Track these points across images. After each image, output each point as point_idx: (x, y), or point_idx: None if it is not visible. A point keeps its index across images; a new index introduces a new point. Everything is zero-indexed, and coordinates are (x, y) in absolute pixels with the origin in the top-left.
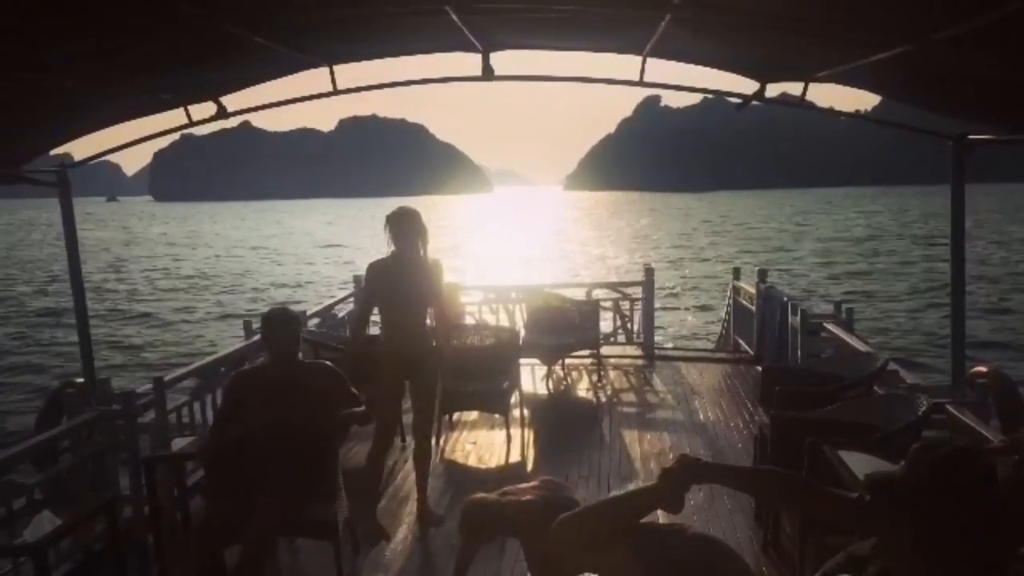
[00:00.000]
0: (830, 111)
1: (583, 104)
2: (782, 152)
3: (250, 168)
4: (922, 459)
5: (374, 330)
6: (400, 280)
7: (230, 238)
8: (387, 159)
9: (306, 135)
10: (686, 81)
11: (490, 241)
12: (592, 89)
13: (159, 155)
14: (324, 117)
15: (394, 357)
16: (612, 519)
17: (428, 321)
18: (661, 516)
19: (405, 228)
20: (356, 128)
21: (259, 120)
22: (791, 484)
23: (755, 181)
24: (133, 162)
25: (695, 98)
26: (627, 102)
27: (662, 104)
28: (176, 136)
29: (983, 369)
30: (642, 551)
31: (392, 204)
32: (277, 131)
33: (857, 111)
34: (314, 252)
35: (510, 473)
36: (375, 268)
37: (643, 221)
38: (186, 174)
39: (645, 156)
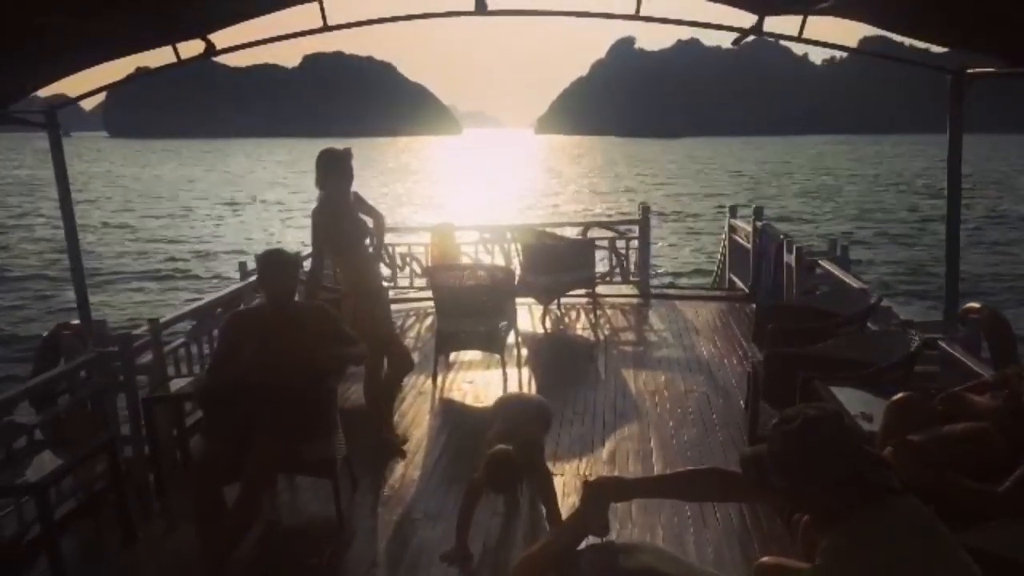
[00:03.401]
0: (830, 46)
1: (557, 45)
2: (757, 98)
3: (209, 104)
4: (777, 434)
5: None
6: (345, 223)
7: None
8: (353, 97)
9: (268, 71)
10: (682, 15)
11: (472, 186)
12: (568, 30)
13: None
14: (287, 52)
15: (370, 297)
16: (553, 555)
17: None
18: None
19: (335, 169)
20: (320, 65)
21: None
22: (730, 482)
23: (731, 127)
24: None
25: (670, 40)
26: (601, 44)
27: (636, 46)
28: (131, 69)
29: (976, 305)
30: None
31: (358, 144)
32: (237, 66)
33: (834, 58)
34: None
35: None
36: (328, 219)
37: (620, 169)
38: (142, 109)
39: (618, 99)
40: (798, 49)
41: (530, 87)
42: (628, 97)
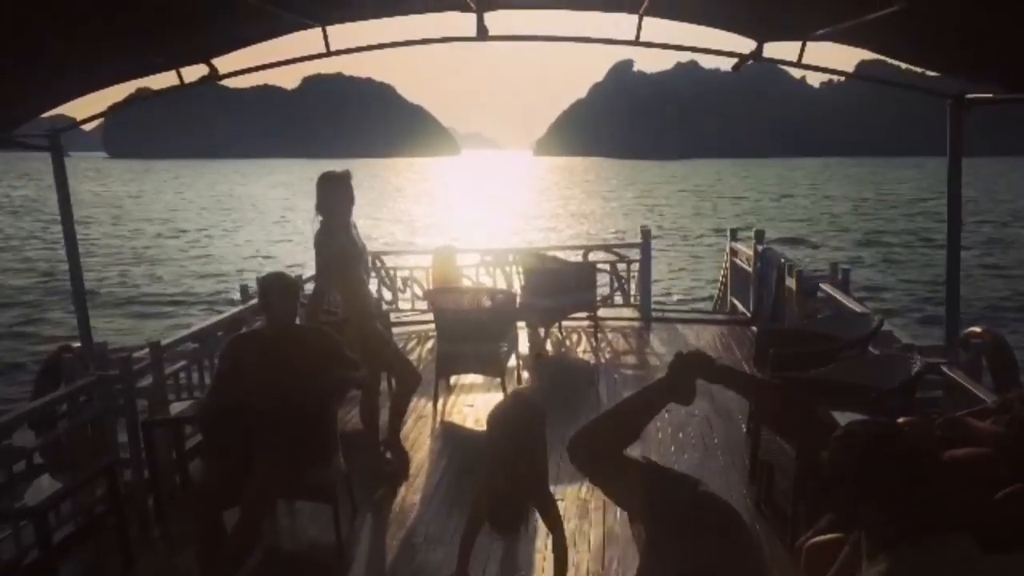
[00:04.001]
0: (828, 71)
1: (556, 67)
2: (756, 120)
3: (209, 125)
4: (840, 447)
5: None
6: (347, 247)
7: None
8: (353, 119)
9: (268, 92)
10: (682, 41)
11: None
12: (567, 53)
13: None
14: (287, 74)
15: (371, 317)
16: (625, 419)
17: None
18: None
19: (335, 192)
20: (321, 86)
21: None
22: (788, 405)
23: (729, 149)
24: (88, 109)
25: (669, 62)
26: (600, 66)
27: (635, 68)
28: (131, 90)
29: (977, 330)
30: (648, 481)
31: (357, 165)
32: (238, 87)
33: (830, 81)
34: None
35: None
36: (329, 241)
37: (619, 191)
38: (142, 130)
39: (617, 121)
40: (796, 71)
41: (529, 109)
42: (627, 119)
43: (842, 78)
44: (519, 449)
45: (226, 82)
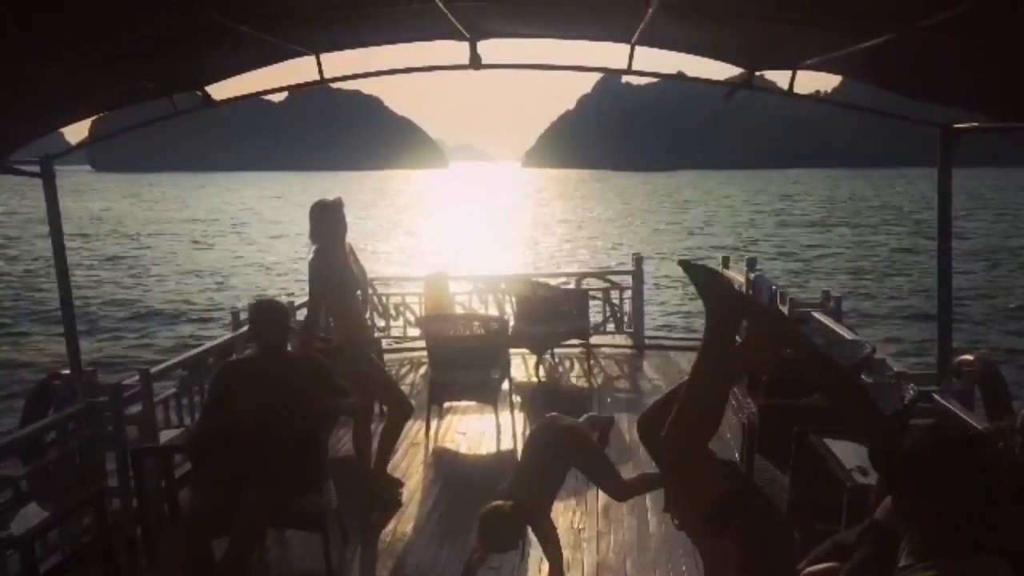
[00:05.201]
0: (817, 98)
1: (544, 80)
2: (744, 131)
3: (195, 137)
4: (926, 445)
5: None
6: (342, 274)
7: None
8: (340, 132)
9: (255, 105)
10: (674, 67)
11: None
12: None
13: (97, 121)
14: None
15: (366, 345)
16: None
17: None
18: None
19: (328, 220)
20: (308, 99)
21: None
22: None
23: (719, 160)
24: (77, 127)
25: None
26: (588, 78)
27: (623, 80)
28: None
29: (969, 357)
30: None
31: (345, 178)
32: (223, 99)
33: (818, 92)
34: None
35: (500, 461)
36: (323, 268)
37: (609, 203)
38: (127, 143)
39: (605, 133)
40: (784, 82)
41: (518, 121)
42: (616, 131)
43: (830, 90)
44: (535, 469)
45: (214, 94)
